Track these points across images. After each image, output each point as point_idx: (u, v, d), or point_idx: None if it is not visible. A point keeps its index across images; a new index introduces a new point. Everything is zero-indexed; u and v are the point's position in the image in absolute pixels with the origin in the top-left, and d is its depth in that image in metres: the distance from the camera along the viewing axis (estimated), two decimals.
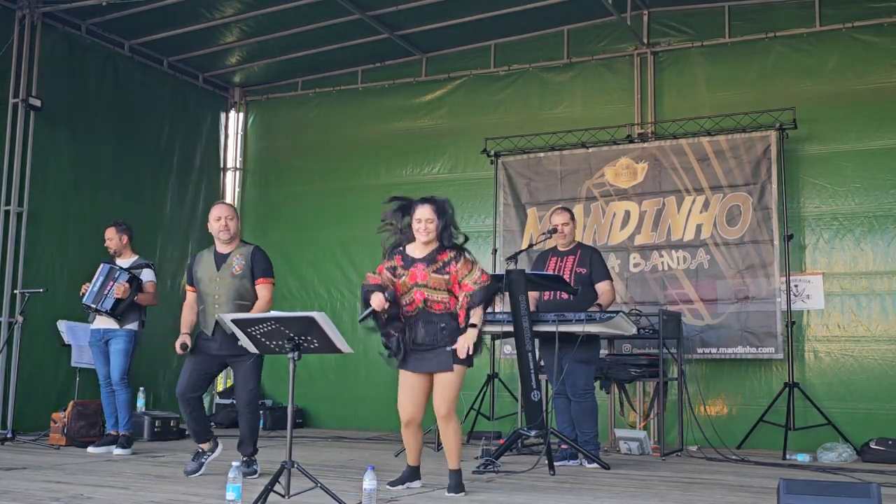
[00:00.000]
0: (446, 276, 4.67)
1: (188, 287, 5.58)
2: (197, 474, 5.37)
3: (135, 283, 6.73)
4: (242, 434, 5.43)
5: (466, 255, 4.75)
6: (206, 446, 5.49)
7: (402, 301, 4.72)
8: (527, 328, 5.82)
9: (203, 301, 5.42)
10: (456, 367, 4.65)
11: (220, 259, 5.45)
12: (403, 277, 4.71)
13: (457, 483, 4.70)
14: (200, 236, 9.97)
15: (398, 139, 9.69)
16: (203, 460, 5.46)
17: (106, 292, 6.65)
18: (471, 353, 4.64)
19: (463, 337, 4.63)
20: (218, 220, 5.45)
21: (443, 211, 4.73)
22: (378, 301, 4.59)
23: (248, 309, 5.34)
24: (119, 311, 6.65)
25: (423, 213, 4.70)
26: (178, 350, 5.36)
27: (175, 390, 5.46)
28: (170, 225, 9.58)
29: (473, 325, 4.64)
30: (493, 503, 4.49)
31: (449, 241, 4.76)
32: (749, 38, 8.28)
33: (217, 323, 5.26)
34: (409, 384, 4.74)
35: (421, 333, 4.68)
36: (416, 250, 4.78)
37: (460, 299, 4.68)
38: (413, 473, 4.92)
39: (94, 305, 6.67)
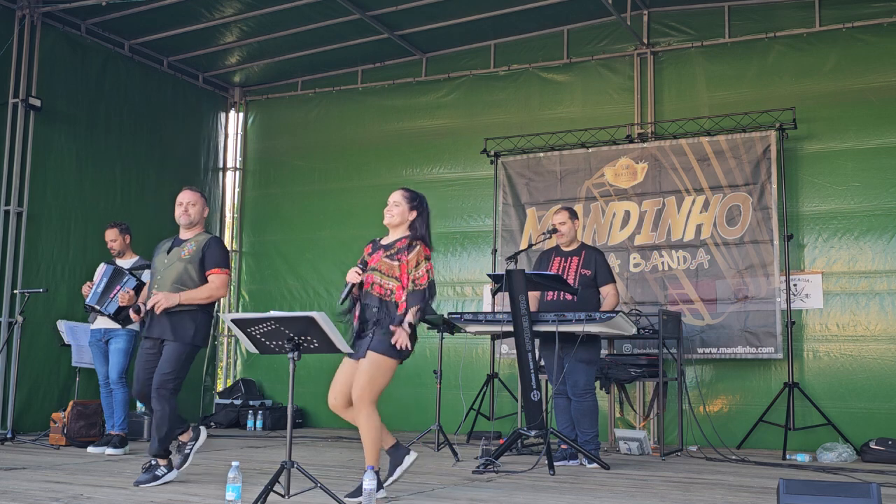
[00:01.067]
0: (396, 263, 4.54)
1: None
2: (185, 466, 5.20)
3: (140, 291, 6.70)
4: (151, 429, 5.09)
5: (421, 247, 4.57)
6: (184, 437, 5.25)
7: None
8: (527, 328, 5.82)
9: (151, 283, 5.26)
10: (375, 354, 4.43)
11: (177, 244, 5.28)
12: (367, 264, 4.64)
13: (359, 488, 4.20)
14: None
15: (398, 139, 9.70)
16: (187, 451, 5.23)
17: (112, 296, 6.64)
18: (401, 347, 4.44)
19: (399, 334, 4.44)
20: (179, 206, 5.31)
21: (418, 203, 4.67)
22: (352, 274, 4.49)
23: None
24: (122, 317, 6.66)
25: (392, 196, 4.70)
26: (134, 315, 5.18)
27: (133, 391, 5.24)
28: (169, 225, 9.54)
29: (404, 322, 4.45)
30: (494, 503, 4.49)
31: (414, 231, 4.66)
32: (749, 38, 8.28)
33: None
34: (340, 369, 4.57)
35: (362, 316, 4.55)
36: (387, 238, 4.74)
37: (404, 294, 4.53)
38: (393, 456, 4.64)
39: (98, 307, 6.67)
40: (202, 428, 5.36)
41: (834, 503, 3.60)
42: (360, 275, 4.53)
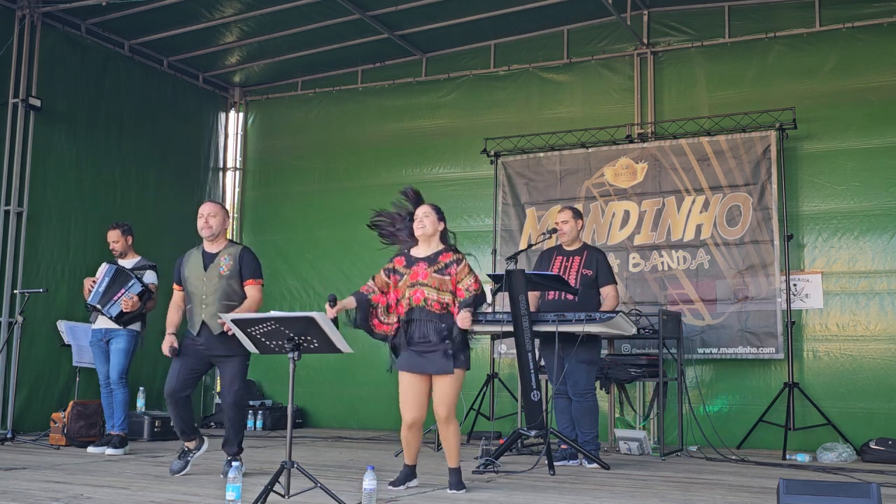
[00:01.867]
0: (447, 277, 4.77)
1: (175, 286, 5.54)
2: (182, 473, 5.39)
3: (145, 296, 6.71)
4: (227, 433, 5.43)
5: (466, 260, 4.87)
6: (191, 444, 5.50)
7: (402, 301, 4.81)
8: (527, 328, 5.82)
9: (191, 300, 5.40)
10: (456, 370, 4.71)
11: (208, 258, 5.43)
12: (405, 276, 4.80)
13: (457, 481, 4.78)
14: (200, 237, 9.97)
15: (398, 139, 9.70)
16: (189, 458, 5.48)
17: (115, 298, 6.65)
18: (464, 325, 4.68)
19: (463, 316, 4.68)
20: (200, 218, 5.48)
21: (443, 214, 4.96)
22: (327, 310, 4.59)
23: (236, 309, 5.30)
24: (123, 320, 6.67)
25: (421, 210, 4.90)
26: (167, 353, 5.36)
27: (163, 390, 5.45)
28: (169, 225, 9.56)
29: (466, 307, 4.71)
30: (493, 503, 4.49)
31: (448, 243, 4.95)
32: (749, 38, 8.28)
33: (203, 322, 5.27)
34: (409, 386, 4.76)
35: (419, 332, 4.74)
36: (419, 251, 4.89)
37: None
38: (411, 473, 4.95)
39: (100, 307, 6.67)
40: (206, 439, 5.61)
41: (834, 503, 3.61)
42: (331, 308, 4.61)
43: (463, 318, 4.67)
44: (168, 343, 5.35)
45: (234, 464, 4.00)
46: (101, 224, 7.61)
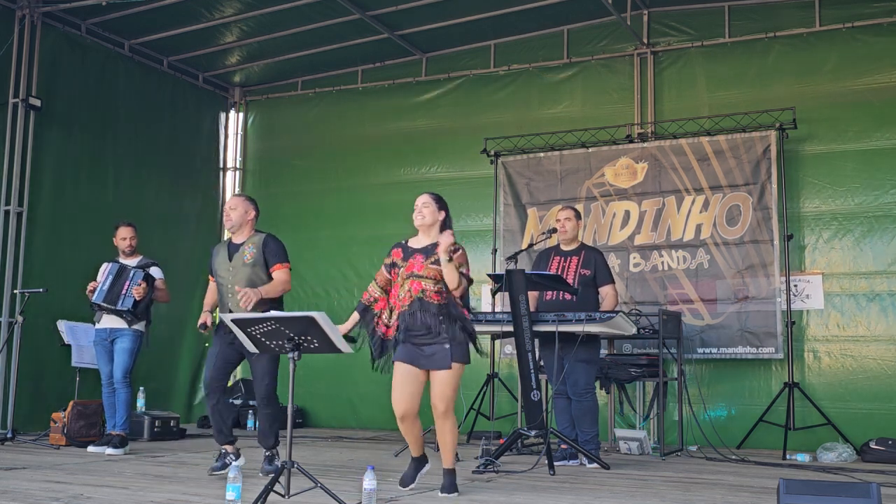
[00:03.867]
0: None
1: (210, 277, 5.70)
2: (221, 472, 5.30)
3: (150, 281, 6.77)
4: (262, 427, 5.50)
5: (463, 249, 4.72)
6: (230, 448, 5.47)
7: (399, 294, 4.72)
8: (527, 328, 5.82)
9: (220, 292, 5.52)
10: (454, 364, 4.59)
11: (233, 249, 5.54)
12: (401, 269, 4.72)
13: (450, 483, 4.63)
14: (200, 236, 9.98)
15: (398, 139, 9.70)
16: (227, 461, 5.37)
17: (124, 292, 6.66)
18: (444, 242, 4.55)
19: (444, 235, 4.58)
20: (225, 212, 5.65)
21: (444, 203, 4.81)
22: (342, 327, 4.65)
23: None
24: (139, 310, 6.69)
25: (420, 199, 4.79)
26: (200, 329, 5.51)
27: (202, 381, 5.55)
28: (169, 225, 9.58)
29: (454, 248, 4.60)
30: (493, 503, 4.49)
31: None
32: (749, 38, 8.28)
33: (232, 312, 5.30)
34: (403, 377, 4.64)
35: (417, 321, 4.61)
36: (417, 241, 4.81)
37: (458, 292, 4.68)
38: (420, 463, 4.87)
39: (108, 305, 6.67)
40: (242, 454, 5.58)
41: (834, 503, 3.60)
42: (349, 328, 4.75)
43: (442, 237, 4.55)
44: (202, 319, 5.50)
45: (234, 464, 4.00)
46: (101, 224, 7.60)
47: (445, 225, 4.79)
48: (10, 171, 8.06)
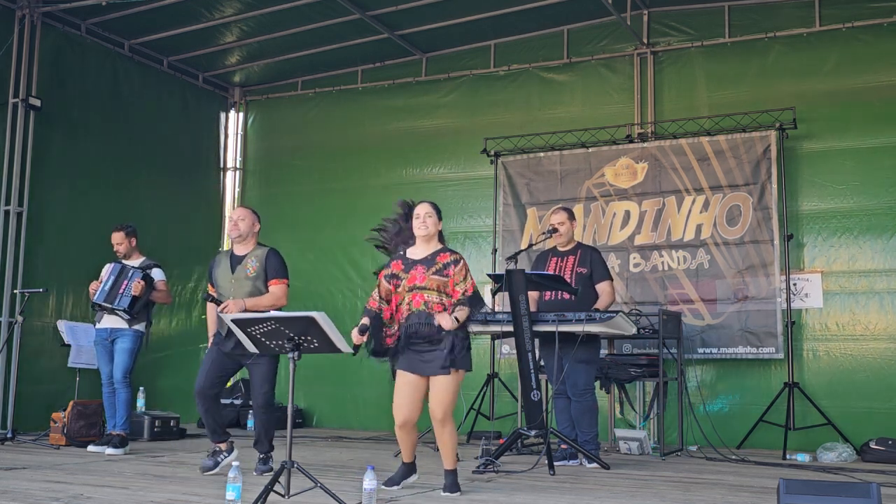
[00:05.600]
0: (445, 279, 4.70)
1: (210, 287, 5.72)
2: (212, 472, 5.42)
3: (149, 280, 6.78)
4: (258, 433, 5.58)
5: (464, 261, 4.80)
6: (223, 446, 5.57)
7: (401, 306, 4.75)
8: (527, 328, 5.82)
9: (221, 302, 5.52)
10: (453, 371, 4.63)
11: (236, 261, 5.57)
12: (403, 281, 4.74)
13: (453, 482, 4.70)
14: (200, 236, 9.98)
15: (398, 139, 9.70)
16: (219, 459, 5.51)
17: (122, 291, 6.67)
18: (446, 326, 4.57)
19: (443, 315, 4.59)
20: (230, 221, 5.72)
21: (440, 213, 4.87)
22: (355, 336, 4.65)
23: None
24: (137, 308, 6.69)
25: (423, 209, 4.81)
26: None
27: (193, 388, 5.51)
28: (169, 225, 9.57)
29: (456, 318, 4.61)
30: (493, 503, 4.49)
31: (444, 243, 4.89)
32: (749, 38, 8.28)
33: None
34: (405, 386, 4.72)
35: (419, 333, 4.66)
36: (416, 252, 4.82)
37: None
38: (409, 470, 4.94)
39: (108, 304, 6.67)
40: (235, 447, 5.66)
41: (834, 503, 3.60)
42: (361, 336, 4.68)
43: (441, 317, 4.57)
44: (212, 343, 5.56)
45: (234, 463, 4.00)
46: (101, 224, 7.60)
47: (441, 235, 4.87)
48: (10, 171, 8.06)
